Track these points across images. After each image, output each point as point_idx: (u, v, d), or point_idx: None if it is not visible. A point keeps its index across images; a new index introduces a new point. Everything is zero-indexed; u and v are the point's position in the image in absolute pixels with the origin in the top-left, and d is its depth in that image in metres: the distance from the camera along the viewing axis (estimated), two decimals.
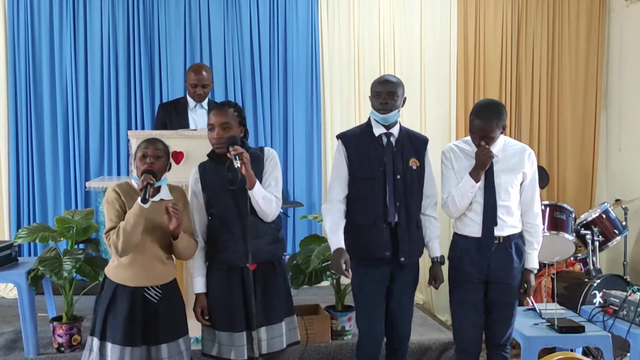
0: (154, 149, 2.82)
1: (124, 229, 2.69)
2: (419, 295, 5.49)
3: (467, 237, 3.12)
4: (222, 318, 2.92)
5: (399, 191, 3.03)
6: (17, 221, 5.37)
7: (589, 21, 5.91)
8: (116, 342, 2.75)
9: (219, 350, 2.92)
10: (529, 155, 3.14)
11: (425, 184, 3.13)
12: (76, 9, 5.36)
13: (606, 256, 5.67)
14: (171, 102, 4.61)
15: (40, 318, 3.96)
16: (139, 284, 2.80)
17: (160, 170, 2.82)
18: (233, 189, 2.85)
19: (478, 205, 3.08)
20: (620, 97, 5.82)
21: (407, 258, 3.04)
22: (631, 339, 3.41)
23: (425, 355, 4.06)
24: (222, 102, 3.07)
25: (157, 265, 2.83)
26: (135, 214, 2.68)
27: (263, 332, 2.90)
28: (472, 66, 5.75)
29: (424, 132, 5.60)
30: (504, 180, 3.08)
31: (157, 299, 2.82)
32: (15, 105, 5.34)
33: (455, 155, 3.16)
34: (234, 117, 2.93)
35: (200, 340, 3.03)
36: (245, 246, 2.84)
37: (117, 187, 2.85)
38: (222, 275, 2.94)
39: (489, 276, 3.11)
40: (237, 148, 2.79)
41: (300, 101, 5.63)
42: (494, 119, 2.98)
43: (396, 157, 3.06)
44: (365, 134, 3.11)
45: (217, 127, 2.90)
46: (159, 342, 2.82)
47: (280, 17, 5.60)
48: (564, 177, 5.93)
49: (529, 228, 3.17)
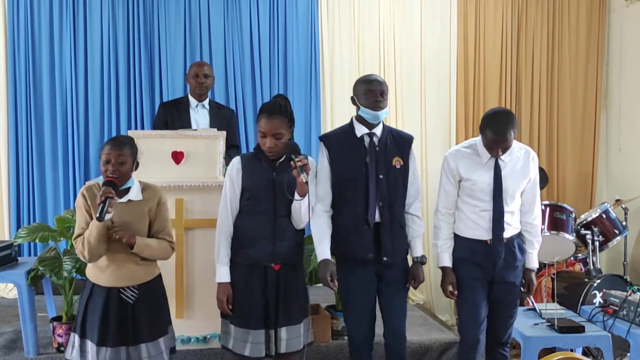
0: (118, 155, 2.73)
1: (88, 240, 2.69)
2: (419, 295, 5.49)
3: (471, 239, 3.12)
4: (238, 314, 2.93)
5: (382, 191, 3.02)
6: (17, 221, 5.36)
7: (589, 21, 5.91)
8: (93, 341, 2.77)
9: (234, 345, 2.94)
10: (533, 158, 3.17)
11: (409, 182, 3.13)
12: (76, 9, 5.36)
13: (606, 256, 5.67)
14: (172, 101, 4.61)
15: (40, 318, 3.95)
16: (113, 285, 2.79)
17: (125, 175, 2.77)
18: (275, 189, 2.87)
19: (486, 212, 3.08)
20: (620, 97, 5.82)
21: (390, 258, 3.03)
22: (631, 339, 3.41)
23: (426, 355, 4.06)
24: (272, 107, 2.90)
25: (131, 266, 2.81)
26: (95, 225, 2.66)
27: (284, 331, 2.93)
28: (472, 66, 5.75)
29: (423, 132, 5.66)
30: (511, 185, 3.09)
31: (133, 299, 2.81)
32: (15, 105, 5.33)
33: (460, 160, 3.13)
34: (285, 124, 2.90)
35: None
36: (273, 246, 2.87)
37: (85, 190, 2.81)
38: (242, 271, 2.94)
39: (495, 276, 3.12)
40: (302, 159, 2.78)
41: (300, 101, 5.62)
42: (510, 129, 2.98)
43: (379, 157, 3.05)
44: (348, 134, 3.12)
45: (269, 136, 2.87)
46: (137, 342, 2.81)
47: (280, 17, 5.59)
48: (564, 177, 5.93)
49: (529, 228, 3.19)
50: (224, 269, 2.94)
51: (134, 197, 2.82)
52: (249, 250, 2.92)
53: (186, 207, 3.60)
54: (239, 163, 2.98)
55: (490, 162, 3.08)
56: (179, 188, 3.57)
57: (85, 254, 2.72)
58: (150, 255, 2.84)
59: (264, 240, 2.89)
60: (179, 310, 3.56)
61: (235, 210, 2.98)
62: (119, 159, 2.74)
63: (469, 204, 3.12)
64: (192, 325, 3.63)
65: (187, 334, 3.61)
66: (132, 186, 2.83)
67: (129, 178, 2.80)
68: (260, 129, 2.90)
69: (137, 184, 2.87)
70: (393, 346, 3.16)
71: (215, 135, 3.77)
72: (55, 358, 3.73)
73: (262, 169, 2.93)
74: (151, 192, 2.88)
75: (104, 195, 2.63)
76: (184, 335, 3.58)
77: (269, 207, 2.91)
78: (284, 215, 2.92)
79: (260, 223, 2.91)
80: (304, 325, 3.03)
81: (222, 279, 2.94)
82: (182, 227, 3.58)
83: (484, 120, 3.06)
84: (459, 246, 3.16)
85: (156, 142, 3.62)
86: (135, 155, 2.84)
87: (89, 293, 2.83)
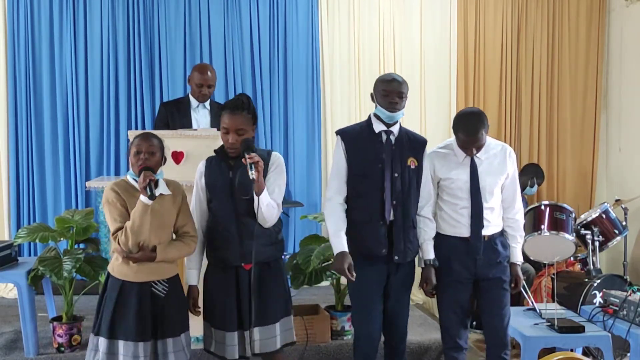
0: (148, 145, 2.82)
1: (132, 229, 2.72)
2: (419, 295, 5.49)
3: (453, 237, 3.14)
4: (217, 316, 2.93)
5: (396, 189, 3.02)
6: (17, 221, 5.37)
7: (589, 21, 5.91)
8: (129, 339, 2.76)
9: (215, 347, 2.94)
10: (510, 154, 3.22)
11: (422, 184, 3.13)
12: (76, 8, 5.36)
13: (606, 256, 5.67)
14: (173, 101, 4.61)
15: (40, 318, 3.96)
16: (145, 279, 2.82)
17: (156, 166, 2.83)
18: (233, 189, 2.86)
19: (465, 209, 3.11)
20: (620, 97, 5.82)
21: (401, 257, 3.03)
22: (631, 339, 3.41)
23: (425, 355, 4.06)
24: (235, 104, 2.90)
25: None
26: (140, 212, 2.71)
27: (257, 332, 2.89)
28: (472, 66, 5.75)
29: (423, 133, 5.65)
30: (488, 182, 3.13)
31: (164, 292, 2.85)
32: (15, 105, 5.33)
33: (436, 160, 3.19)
34: (248, 120, 2.89)
35: (202, 338, 3.04)
36: (241, 246, 2.85)
37: (114, 185, 2.85)
38: (217, 272, 2.95)
39: (478, 274, 3.13)
40: (253, 156, 2.75)
41: (301, 101, 5.63)
42: (481, 129, 3.05)
43: (395, 155, 3.05)
44: (365, 130, 3.11)
45: (232, 132, 2.86)
46: (165, 336, 2.83)
47: (280, 17, 5.60)
48: (564, 177, 5.93)
49: (511, 223, 3.23)
50: (193, 272, 2.98)
51: (164, 190, 2.85)
52: (218, 252, 2.92)
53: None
54: (203, 166, 2.99)
55: (466, 160, 3.13)
56: None
57: (130, 245, 2.74)
58: (175, 258, 2.90)
59: (232, 241, 2.87)
60: None
61: (204, 214, 2.98)
62: (149, 149, 2.81)
63: (448, 202, 3.16)
64: (191, 326, 3.61)
65: None
66: (161, 181, 2.86)
67: (157, 170, 2.84)
68: (223, 125, 2.89)
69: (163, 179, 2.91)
70: (395, 346, 3.16)
71: (215, 135, 3.76)
72: (55, 358, 3.73)
73: (221, 169, 2.92)
74: (175, 187, 2.94)
75: (147, 178, 2.70)
76: None
77: (230, 207, 2.88)
78: (247, 215, 2.86)
79: (225, 224, 2.89)
80: (282, 325, 2.97)
81: (191, 281, 2.98)
82: None
83: (455, 122, 3.15)
84: (441, 245, 3.16)
85: None
86: (163, 150, 2.90)
87: (118, 291, 2.82)
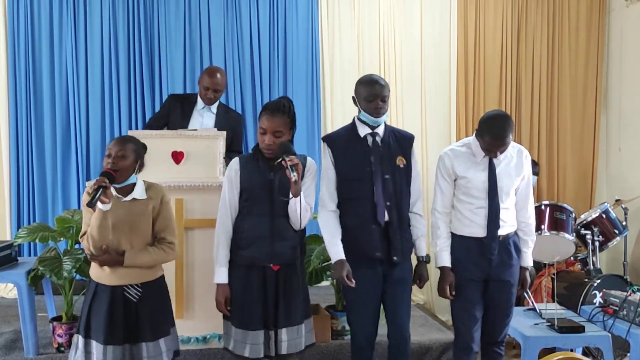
0: (118, 149, 2.80)
1: (91, 234, 2.73)
2: (419, 295, 5.49)
3: (468, 237, 3.14)
4: (237, 315, 2.93)
5: (389, 191, 3.02)
6: (17, 221, 5.36)
7: (589, 21, 5.91)
8: (99, 340, 2.78)
9: (234, 346, 2.94)
10: (526, 156, 3.22)
11: (412, 181, 3.13)
12: (76, 8, 5.36)
13: (606, 256, 5.67)
14: (182, 95, 4.63)
15: (40, 318, 3.96)
16: (117, 283, 2.81)
17: (124, 170, 2.80)
18: (273, 190, 2.87)
19: (481, 209, 3.10)
20: (620, 97, 5.81)
21: (400, 257, 3.04)
22: (631, 339, 3.42)
23: (426, 355, 4.06)
24: (276, 106, 2.91)
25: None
26: (97, 217, 2.70)
27: (284, 332, 2.92)
28: (472, 66, 5.75)
29: (423, 131, 5.66)
30: (505, 183, 3.12)
31: (137, 297, 2.83)
32: (15, 105, 5.33)
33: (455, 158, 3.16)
34: (286, 123, 2.89)
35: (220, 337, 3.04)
36: (272, 246, 2.87)
37: (90, 189, 2.83)
38: (241, 272, 2.94)
39: (490, 275, 3.13)
40: (293, 159, 2.77)
41: (301, 101, 5.62)
42: (509, 133, 3.01)
43: (383, 156, 3.05)
44: (351, 134, 3.11)
45: (269, 133, 2.87)
46: (139, 340, 2.82)
47: (280, 17, 5.59)
48: (564, 177, 5.93)
49: (523, 227, 3.23)
50: (222, 270, 2.95)
51: (139, 195, 2.84)
52: (248, 251, 2.92)
53: (186, 207, 3.61)
54: (237, 164, 2.98)
55: (484, 160, 3.12)
56: (179, 188, 3.57)
57: (91, 248, 2.75)
58: (146, 264, 2.85)
59: (263, 241, 2.89)
60: (178, 311, 3.56)
61: (234, 211, 2.98)
62: (118, 153, 2.79)
63: (464, 202, 3.15)
64: (192, 326, 3.63)
65: (187, 334, 3.62)
66: (137, 185, 2.85)
67: (129, 174, 2.83)
68: (261, 126, 2.90)
69: (142, 183, 2.89)
70: (397, 347, 3.15)
71: (215, 135, 3.77)
72: (55, 358, 3.73)
73: (260, 169, 2.93)
74: (155, 191, 2.91)
75: (97, 184, 2.67)
76: (184, 335, 3.58)
77: (267, 207, 2.90)
78: (282, 216, 2.91)
79: (259, 223, 2.90)
80: (306, 326, 3.01)
81: (221, 280, 2.95)
82: (182, 227, 3.59)
83: (482, 125, 3.07)
84: (455, 244, 3.17)
85: (156, 142, 3.61)
86: (139, 154, 2.87)
87: (93, 293, 2.84)
